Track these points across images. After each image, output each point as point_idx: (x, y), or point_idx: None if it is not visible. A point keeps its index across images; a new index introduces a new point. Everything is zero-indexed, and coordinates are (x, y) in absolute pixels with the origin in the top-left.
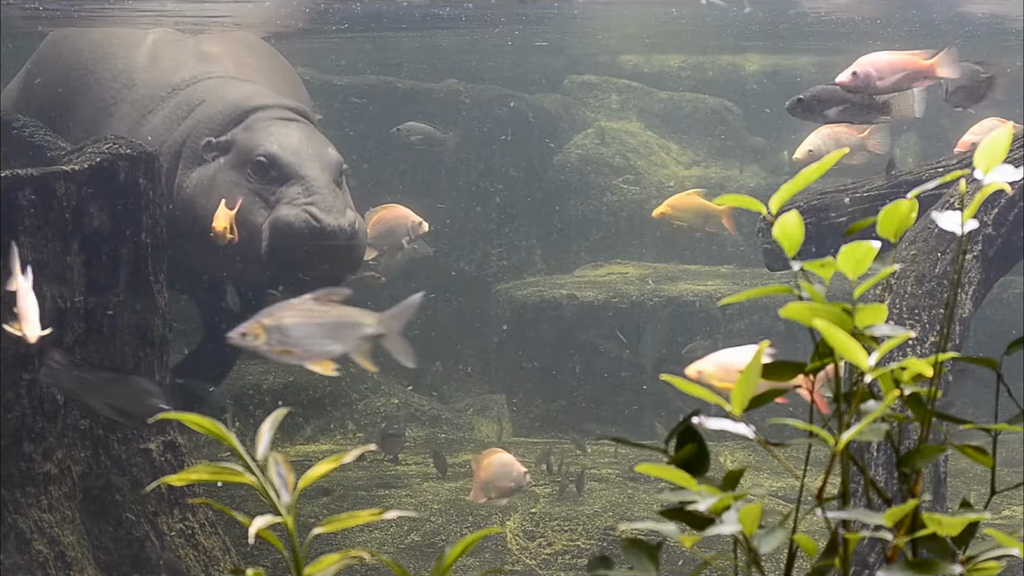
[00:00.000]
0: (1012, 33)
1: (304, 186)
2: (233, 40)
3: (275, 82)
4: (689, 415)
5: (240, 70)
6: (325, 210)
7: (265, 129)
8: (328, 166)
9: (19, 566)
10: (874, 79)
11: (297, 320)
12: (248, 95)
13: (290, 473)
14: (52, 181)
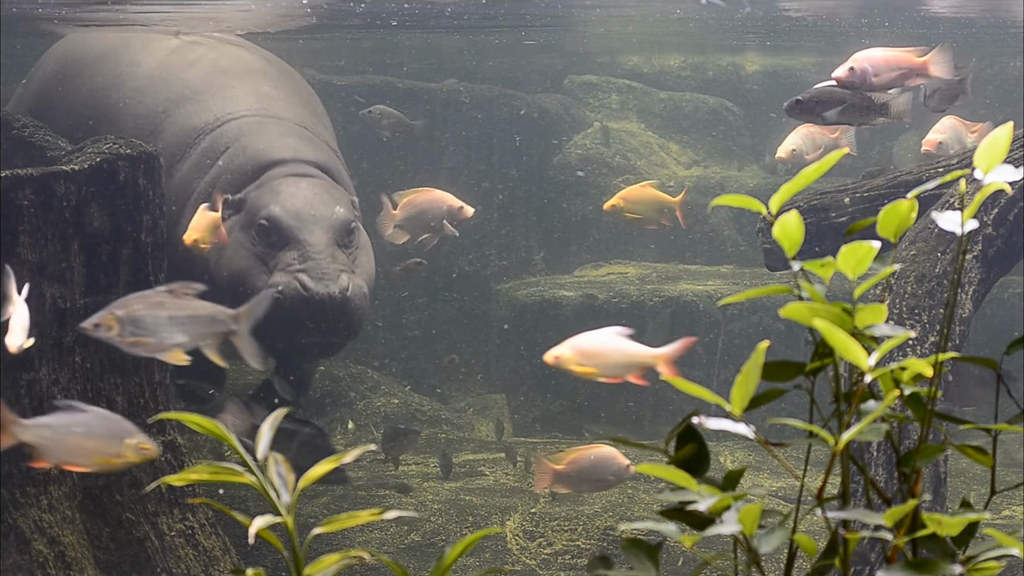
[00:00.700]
0: (1012, 33)
1: (300, 251)
2: (251, 61)
3: (293, 108)
4: (689, 415)
5: (261, 103)
6: (316, 278)
7: (273, 189)
8: (332, 227)
9: (19, 566)
10: (870, 75)
11: (149, 312)
12: (265, 148)
13: (290, 473)
14: (52, 181)
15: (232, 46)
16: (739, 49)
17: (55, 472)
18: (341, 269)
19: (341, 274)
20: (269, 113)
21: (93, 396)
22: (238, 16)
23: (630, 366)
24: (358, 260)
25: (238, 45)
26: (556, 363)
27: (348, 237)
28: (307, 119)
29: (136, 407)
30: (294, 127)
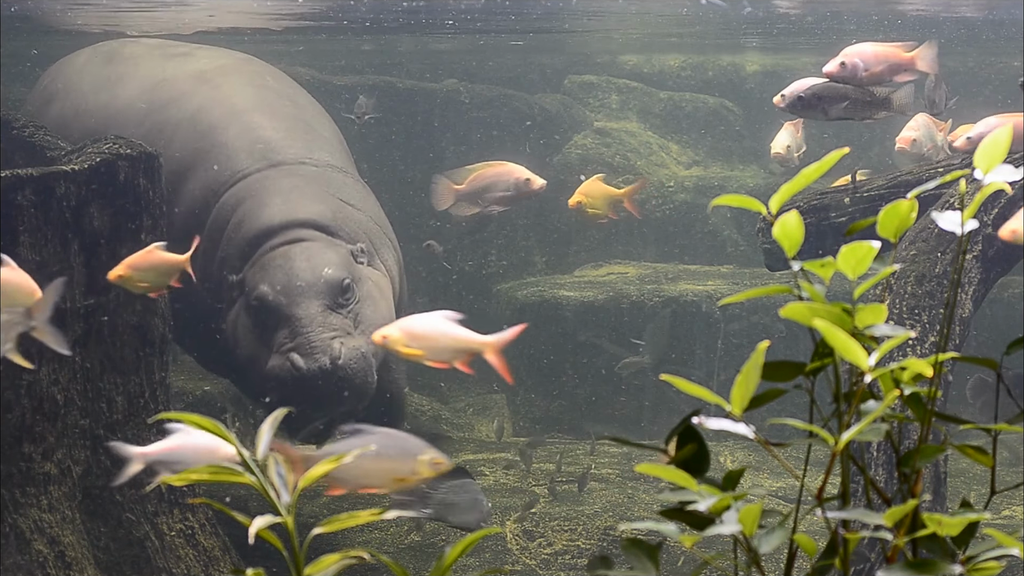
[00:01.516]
0: (1012, 33)
1: (290, 328)
2: (240, 89)
3: (294, 141)
4: (689, 415)
5: (258, 150)
6: (306, 354)
7: (263, 267)
8: (321, 293)
9: (19, 566)
10: (860, 70)
11: None
12: (257, 218)
13: (290, 473)
14: (52, 181)
15: (220, 61)
16: (739, 49)
17: (55, 472)
18: (333, 336)
19: (332, 343)
20: (269, 161)
21: (93, 396)
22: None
23: (458, 351)
24: (361, 315)
25: (225, 61)
26: (384, 343)
27: (344, 295)
28: (309, 148)
29: (136, 407)
30: (294, 173)
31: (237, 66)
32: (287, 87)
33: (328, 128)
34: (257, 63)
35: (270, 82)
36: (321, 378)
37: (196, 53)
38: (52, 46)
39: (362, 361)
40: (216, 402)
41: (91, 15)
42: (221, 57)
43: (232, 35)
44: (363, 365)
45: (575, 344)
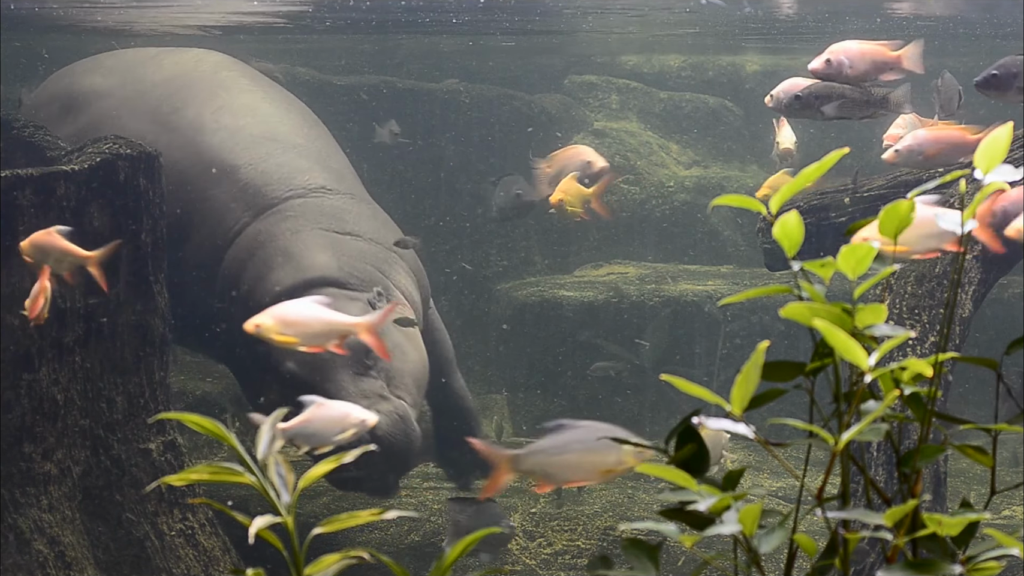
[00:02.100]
0: (1012, 33)
1: None
2: (246, 118)
3: (294, 165)
4: (689, 415)
5: (265, 195)
6: None
7: None
8: (347, 360)
9: (19, 566)
10: (846, 67)
11: None
12: (273, 281)
13: (290, 473)
14: (52, 181)
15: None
16: (739, 49)
17: (55, 472)
18: (369, 404)
19: (361, 399)
20: (257, 207)
21: (93, 396)
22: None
23: (331, 334)
24: (391, 370)
25: (188, 74)
26: (257, 332)
27: (368, 358)
28: (295, 175)
29: (136, 407)
30: (286, 215)
31: (204, 80)
32: (264, 95)
33: (318, 139)
34: (225, 68)
35: (244, 97)
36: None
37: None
38: (50, 46)
39: (400, 424)
40: (216, 402)
41: (89, 11)
42: (187, 72)
43: (230, 33)
44: (402, 428)
45: (575, 344)
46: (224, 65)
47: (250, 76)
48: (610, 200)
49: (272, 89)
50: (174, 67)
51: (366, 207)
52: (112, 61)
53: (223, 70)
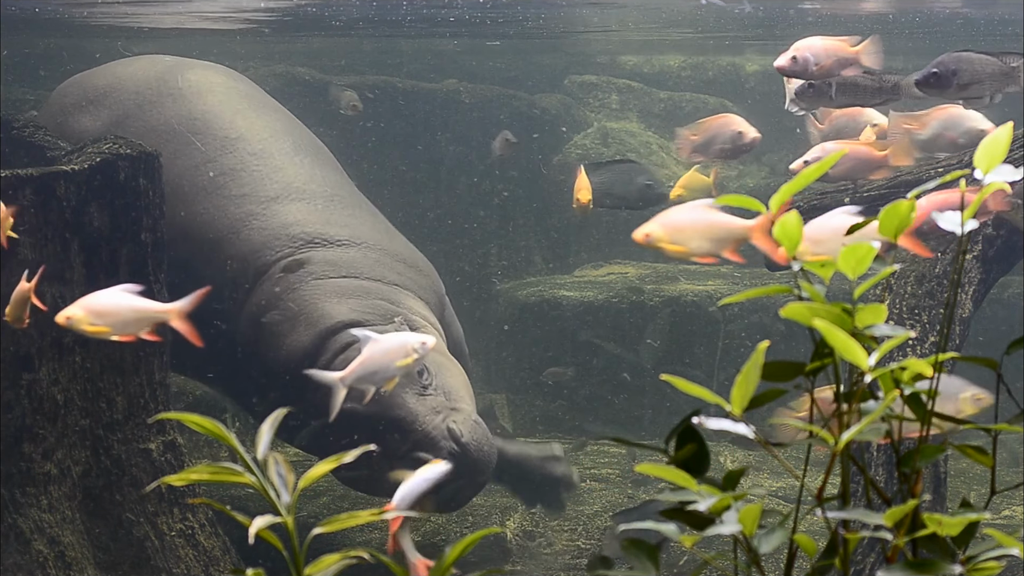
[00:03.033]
0: (1012, 33)
1: (399, 431)
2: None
3: (289, 199)
4: (689, 415)
5: (282, 236)
6: (431, 446)
7: None
8: (404, 385)
9: (19, 566)
10: (811, 63)
11: None
12: (296, 343)
13: (290, 473)
14: (52, 181)
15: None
16: (739, 49)
17: (55, 472)
18: (443, 418)
19: (446, 423)
20: (255, 269)
21: (93, 396)
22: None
23: (143, 322)
24: (446, 385)
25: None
26: (67, 324)
27: (422, 376)
28: (289, 208)
29: (136, 407)
30: (304, 280)
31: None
32: (244, 116)
33: (306, 152)
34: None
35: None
36: (455, 462)
37: None
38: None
39: (479, 429)
40: (216, 402)
41: (88, 9)
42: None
43: (225, 35)
44: (483, 432)
45: (575, 344)
46: (230, 103)
47: (256, 109)
48: None
49: (274, 123)
50: (175, 104)
51: (363, 217)
52: (109, 99)
53: (229, 105)
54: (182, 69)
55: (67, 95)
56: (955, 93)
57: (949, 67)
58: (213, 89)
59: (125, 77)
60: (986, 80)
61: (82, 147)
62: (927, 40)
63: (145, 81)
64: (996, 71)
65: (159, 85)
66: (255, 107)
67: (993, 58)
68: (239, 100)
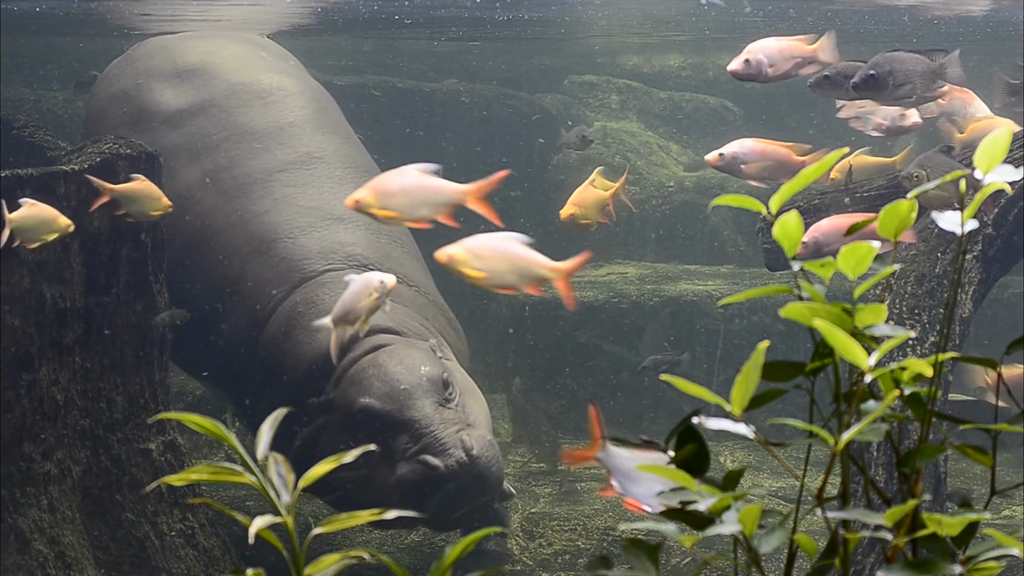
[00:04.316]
0: (1012, 33)
1: (410, 433)
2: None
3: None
4: (689, 415)
5: (314, 244)
6: (439, 451)
7: (354, 381)
8: (427, 391)
9: (19, 566)
10: (765, 66)
11: None
12: (321, 341)
13: (290, 473)
14: (52, 181)
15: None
16: (739, 49)
17: (55, 472)
18: (458, 429)
19: (460, 435)
20: (291, 281)
21: (93, 396)
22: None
23: (525, 276)
24: (467, 407)
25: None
26: (449, 262)
27: (447, 391)
28: (333, 241)
29: (136, 407)
30: (326, 286)
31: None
32: (328, 139)
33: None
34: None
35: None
36: (460, 473)
37: None
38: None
39: (492, 449)
40: (216, 402)
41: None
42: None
43: None
44: (494, 452)
45: (575, 344)
46: (296, 109)
47: (339, 134)
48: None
49: (333, 139)
50: (264, 109)
51: (412, 287)
52: (198, 80)
53: (293, 111)
54: (274, 71)
55: (152, 58)
56: (890, 94)
57: (884, 68)
58: (304, 105)
59: (218, 63)
60: (917, 79)
61: (82, 147)
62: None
63: (238, 72)
64: (925, 69)
65: (252, 84)
66: (337, 131)
67: (922, 56)
68: (325, 120)
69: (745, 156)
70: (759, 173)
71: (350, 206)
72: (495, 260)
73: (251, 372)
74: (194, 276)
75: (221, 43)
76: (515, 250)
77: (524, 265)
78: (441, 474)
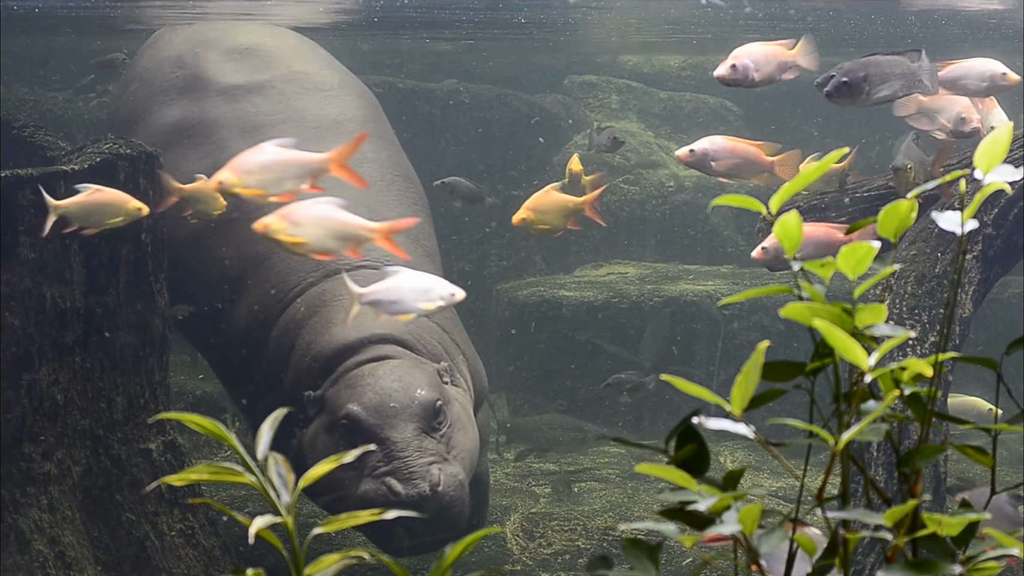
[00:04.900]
0: (1012, 33)
1: (384, 451)
2: None
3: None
4: (689, 415)
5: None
6: (405, 479)
7: (349, 385)
8: (415, 415)
9: (19, 566)
10: (751, 71)
11: None
12: (341, 333)
13: (290, 473)
14: (52, 181)
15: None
16: None
17: (55, 472)
18: (431, 461)
19: (431, 468)
20: (325, 269)
21: (93, 396)
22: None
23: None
24: (452, 439)
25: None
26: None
27: (436, 419)
28: None
29: (136, 407)
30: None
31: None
32: (383, 144)
33: (420, 205)
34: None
35: None
36: (419, 505)
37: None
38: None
39: (460, 490)
40: (216, 402)
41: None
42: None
43: None
44: (461, 494)
45: (575, 344)
46: (350, 108)
47: (369, 124)
48: (610, 200)
49: (384, 144)
50: (326, 102)
51: None
52: (257, 59)
53: (349, 108)
54: (335, 68)
55: (212, 31)
56: (867, 99)
57: (858, 74)
58: (361, 106)
59: (281, 47)
60: (896, 80)
61: (82, 147)
62: (932, 42)
63: (300, 62)
64: (906, 70)
65: (314, 75)
66: (388, 138)
67: (901, 57)
68: (379, 125)
69: (716, 153)
70: (728, 171)
71: (214, 188)
72: (312, 226)
73: (262, 352)
74: (231, 245)
75: (282, 31)
76: (332, 214)
77: (342, 228)
78: (400, 501)
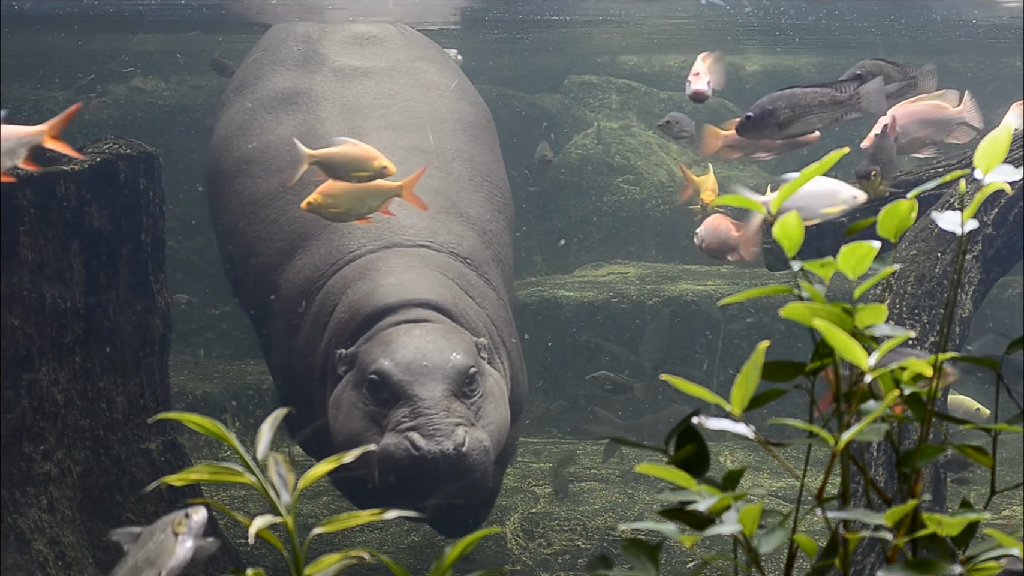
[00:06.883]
0: (1012, 33)
1: (411, 407)
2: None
3: (438, 217)
4: (689, 415)
5: (381, 232)
6: (428, 435)
7: (383, 341)
8: (447, 377)
9: (19, 566)
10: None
11: None
12: (382, 294)
13: (290, 473)
14: (52, 181)
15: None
16: (739, 49)
17: (55, 472)
18: (457, 423)
19: (457, 429)
20: (384, 241)
21: (93, 396)
22: None
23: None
24: (482, 410)
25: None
26: None
27: (469, 386)
28: (435, 230)
29: (136, 407)
30: (409, 255)
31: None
32: (486, 151)
33: (483, 205)
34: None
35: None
36: (441, 463)
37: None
38: None
39: (485, 455)
40: (216, 402)
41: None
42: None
43: None
44: (485, 459)
45: (575, 344)
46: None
47: (474, 129)
48: (610, 200)
49: (483, 151)
50: (440, 100)
51: (490, 285)
52: (383, 48)
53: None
54: (454, 71)
55: (339, 24)
56: (777, 132)
57: (765, 107)
58: (471, 113)
59: (402, 39)
60: (814, 112)
61: (82, 147)
62: (931, 42)
63: (422, 57)
64: (826, 101)
65: (432, 71)
66: (489, 147)
67: (826, 89)
68: (484, 134)
69: None
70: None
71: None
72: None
73: (306, 314)
74: (288, 216)
75: (415, 32)
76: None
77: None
78: (421, 456)
